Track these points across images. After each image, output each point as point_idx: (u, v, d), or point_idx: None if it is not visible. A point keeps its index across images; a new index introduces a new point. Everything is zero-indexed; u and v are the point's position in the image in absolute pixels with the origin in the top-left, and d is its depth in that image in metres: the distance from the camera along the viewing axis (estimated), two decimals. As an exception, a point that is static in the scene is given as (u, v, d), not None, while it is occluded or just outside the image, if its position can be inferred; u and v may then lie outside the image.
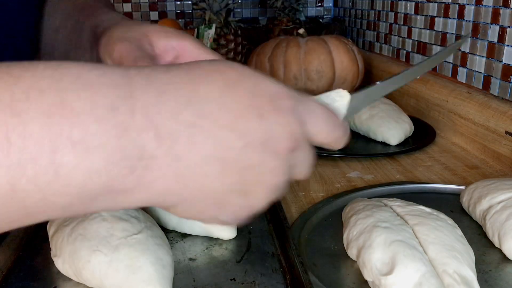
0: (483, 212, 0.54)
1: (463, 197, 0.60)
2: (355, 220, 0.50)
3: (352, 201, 0.57)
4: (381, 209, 0.50)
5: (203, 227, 0.53)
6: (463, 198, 0.59)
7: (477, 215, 0.56)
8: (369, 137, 0.88)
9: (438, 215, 0.49)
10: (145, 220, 0.49)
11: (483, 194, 0.56)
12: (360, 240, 0.47)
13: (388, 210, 0.50)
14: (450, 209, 0.60)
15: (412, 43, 1.13)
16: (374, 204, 0.52)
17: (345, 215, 0.54)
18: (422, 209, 0.50)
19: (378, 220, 0.48)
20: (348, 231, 0.50)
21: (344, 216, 0.55)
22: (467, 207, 0.58)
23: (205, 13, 1.18)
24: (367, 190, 0.65)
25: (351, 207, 0.54)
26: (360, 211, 0.51)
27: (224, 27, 1.20)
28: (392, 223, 0.47)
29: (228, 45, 1.20)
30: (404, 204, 0.52)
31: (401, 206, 0.51)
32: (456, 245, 0.45)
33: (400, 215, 0.49)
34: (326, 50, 1.07)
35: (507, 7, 0.78)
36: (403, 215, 0.49)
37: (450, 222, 0.49)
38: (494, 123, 0.76)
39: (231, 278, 0.46)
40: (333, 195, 0.64)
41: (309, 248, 0.52)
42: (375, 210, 0.50)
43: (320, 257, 0.50)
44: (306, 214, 0.58)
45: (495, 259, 0.50)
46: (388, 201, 0.53)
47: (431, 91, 0.95)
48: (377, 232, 0.46)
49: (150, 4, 1.69)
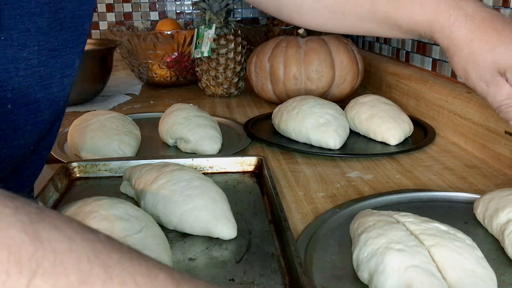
0: (501, 226, 0.51)
1: (477, 208, 0.57)
2: (366, 239, 0.46)
3: (360, 214, 0.53)
4: (393, 227, 0.47)
5: (203, 227, 0.53)
6: (477, 209, 0.56)
7: (494, 229, 0.53)
8: (369, 137, 0.88)
9: (456, 234, 0.46)
10: (145, 219, 0.49)
11: (500, 206, 0.52)
12: (372, 263, 0.44)
13: (401, 228, 0.47)
14: (464, 221, 0.57)
15: (412, 43, 1.13)
16: (385, 221, 0.48)
17: (354, 231, 0.51)
18: (437, 227, 0.47)
19: (391, 241, 0.44)
20: (358, 251, 0.46)
21: (353, 232, 0.51)
22: (483, 220, 0.55)
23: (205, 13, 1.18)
24: (374, 199, 0.61)
25: (360, 222, 0.51)
26: (370, 229, 0.48)
27: (224, 27, 1.20)
28: (406, 245, 0.44)
29: (228, 45, 1.20)
30: (417, 220, 0.48)
31: (414, 223, 0.47)
32: (478, 270, 0.42)
33: (415, 234, 0.46)
34: (326, 50, 1.07)
35: (507, 7, 0.78)
36: (418, 234, 0.45)
37: (469, 242, 0.45)
38: (494, 123, 0.76)
39: (230, 279, 0.46)
40: (339, 205, 0.61)
41: (315, 267, 0.48)
42: (387, 228, 0.47)
43: (329, 279, 0.46)
44: (311, 227, 0.55)
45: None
46: (400, 217, 0.49)
47: (431, 91, 0.95)
48: (390, 255, 0.43)
49: (150, 4, 1.69)
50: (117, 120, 0.83)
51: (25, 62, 0.47)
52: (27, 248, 0.21)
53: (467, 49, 0.52)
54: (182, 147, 0.83)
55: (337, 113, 0.87)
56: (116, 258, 0.24)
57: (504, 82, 0.51)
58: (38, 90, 0.49)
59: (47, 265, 0.21)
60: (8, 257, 0.20)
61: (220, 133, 0.84)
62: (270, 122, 0.96)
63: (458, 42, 0.52)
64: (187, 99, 1.24)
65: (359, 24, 0.60)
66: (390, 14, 0.57)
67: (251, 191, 0.65)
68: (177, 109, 0.87)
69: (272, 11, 0.65)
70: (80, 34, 0.53)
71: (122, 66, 1.61)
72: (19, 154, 0.54)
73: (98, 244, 0.24)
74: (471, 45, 0.51)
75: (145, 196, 0.57)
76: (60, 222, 0.23)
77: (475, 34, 0.51)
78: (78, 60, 0.53)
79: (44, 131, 0.54)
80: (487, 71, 0.51)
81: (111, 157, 0.74)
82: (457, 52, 0.53)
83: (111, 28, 1.44)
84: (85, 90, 1.20)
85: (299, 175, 0.74)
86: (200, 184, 0.56)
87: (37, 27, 0.46)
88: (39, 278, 0.20)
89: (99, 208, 0.48)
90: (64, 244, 0.22)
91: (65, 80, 0.52)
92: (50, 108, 0.52)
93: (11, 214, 0.21)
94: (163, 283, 0.25)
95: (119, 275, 0.23)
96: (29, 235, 0.21)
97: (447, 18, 0.52)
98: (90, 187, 0.66)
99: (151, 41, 1.30)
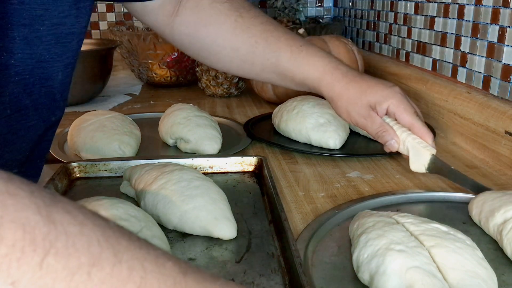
0: (498, 226, 0.51)
1: (472, 210, 0.57)
2: (366, 240, 0.46)
3: (359, 215, 0.53)
4: (393, 228, 0.46)
5: (203, 227, 0.53)
6: (472, 211, 0.57)
7: (491, 230, 0.53)
8: (369, 137, 0.88)
9: (456, 235, 0.46)
10: (145, 219, 0.49)
11: (495, 207, 0.53)
12: (373, 264, 0.44)
13: (401, 229, 0.46)
14: (462, 221, 0.57)
15: (412, 43, 1.13)
16: (385, 221, 0.48)
17: (353, 232, 0.51)
18: (437, 227, 0.47)
19: (391, 242, 0.44)
20: (358, 252, 0.46)
21: (353, 233, 0.51)
22: (479, 221, 0.55)
23: (205, 13, 1.18)
24: (373, 200, 0.62)
25: (360, 222, 0.51)
26: (370, 230, 0.47)
27: (224, 27, 1.20)
28: (406, 245, 0.43)
29: (228, 45, 1.20)
30: (417, 221, 0.48)
31: (414, 224, 0.47)
32: (479, 271, 0.42)
33: (414, 235, 0.46)
34: (326, 50, 1.07)
35: (507, 7, 0.78)
36: (418, 235, 0.45)
37: (469, 243, 0.45)
38: (494, 123, 0.76)
39: (230, 279, 0.46)
40: (338, 206, 0.61)
41: (315, 268, 0.48)
42: (386, 229, 0.46)
43: (329, 281, 0.46)
44: (311, 227, 0.55)
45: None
46: (400, 217, 0.49)
47: (431, 91, 0.95)
48: (391, 257, 0.42)
49: (150, 4, 1.68)
50: (117, 120, 0.83)
51: (13, 69, 0.49)
52: (41, 229, 0.21)
53: (346, 95, 0.68)
54: (182, 147, 0.83)
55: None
56: (125, 244, 0.24)
57: (375, 115, 0.67)
58: (25, 97, 0.52)
59: (60, 245, 0.22)
60: (23, 235, 0.21)
61: (220, 133, 0.84)
62: (270, 122, 0.96)
63: (340, 92, 0.69)
64: (187, 99, 1.24)
65: (262, 73, 0.74)
66: (288, 70, 0.71)
67: (251, 191, 0.65)
68: (177, 109, 0.87)
69: (191, 52, 0.76)
70: (69, 50, 0.55)
71: (122, 66, 1.61)
72: (17, 159, 0.55)
73: (108, 230, 0.24)
74: (348, 93, 0.68)
75: (145, 196, 0.57)
76: (72, 207, 0.24)
77: (350, 85, 0.68)
78: (61, 73, 0.56)
79: (35, 137, 0.56)
80: (363, 109, 0.67)
81: (111, 157, 0.74)
82: (340, 99, 0.69)
83: (111, 28, 1.44)
84: (85, 90, 1.20)
85: (299, 175, 0.74)
86: (200, 184, 0.56)
87: (23, 36, 0.48)
88: (51, 258, 0.21)
89: (99, 208, 0.48)
90: (76, 227, 0.23)
91: (43, 90, 0.54)
92: (35, 115, 0.54)
93: (27, 197, 0.22)
94: (171, 270, 0.26)
95: (128, 260, 0.24)
96: (43, 217, 0.22)
97: (330, 76, 0.69)
98: (90, 187, 0.66)
99: (151, 41, 1.30)
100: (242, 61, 0.73)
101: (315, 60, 0.70)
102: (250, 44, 0.71)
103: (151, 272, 0.25)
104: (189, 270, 0.27)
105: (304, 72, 0.71)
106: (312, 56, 0.71)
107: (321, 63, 0.70)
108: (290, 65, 0.71)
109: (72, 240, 0.22)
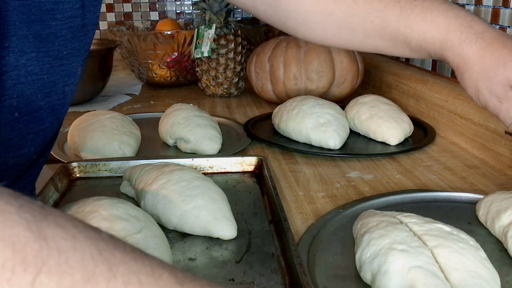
0: (504, 228, 0.51)
1: (479, 210, 0.57)
2: (368, 240, 0.46)
3: (363, 214, 0.53)
4: (396, 228, 0.46)
5: (203, 227, 0.53)
6: (479, 211, 0.57)
7: (497, 231, 0.53)
8: (369, 137, 0.88)
9: (459, 235, 0.46)
10: (145, 219, 0.49)
11: (502, 208, 0.53)
12: (375, 264, 0.44)
13: (404, 229, 0.46)
14: (467, 221, 0.57)
15: (412, 43, 1.13)
16: (388, 221, 0.48)
17: (357, 231, 0.51)
18: (440, 227, 0.47)
19: (394, 242, 0.44)
20: (361, 251, 0.46)
21: (356, 232, 0.51)
22: (485, 222, 0.55)
23: (205, 13, 1.18)
24: (377, 200, 0.61)
25: (363, 222, 0.51)
26: (373, 229, 0.47)
27: (224, 27, 1.20)
28: (409, 245, 0.43)
29: (228, 45, 1.20)
30: (421, 221, 0.48)
31: (418, 224, 0.47)
32: (481, 271, 0.42)
33: (418, 235, 0.46)
34: (326, 50, 1.07)
35: (507, 7, 0.78)
36: (421, 235, 0.45)
37: (473, 243, 0.45)
38: (494, 123, 0.76)
39: (230, 279, 0.46)
40: (342, 206, 0.60)
41: (318, 267, 0.48)
42: (389, 228, 0.46)
43: (332, 280, 0.46)
44: (314, 227, 0.55)
45: (519, 281, 0.46)
46: (403, 217, 0.49)
47: (431, 91, 0.95)
48: (393, 256, 0.42)
49: (150, 4, 1.69)
50: (117, 120, 0.83)
51: (24, 69, 0.47)
52: (32, 246, 0.20)
53: (478, 65, 0.52)
54: (182, 147, 0.83)
55: (337, 113, 0.87)
56: (120, 256, 0.24)
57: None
58: (40, 98, 0.49)
59: (52, 263, 0.21)
60: (13, 254, 0.20)
61: (220, 133, 0.84)
62: (270, 122, 0.96)
63: (469, 59, 0.52)
64: (187, 99, 1.24)
65: (366, 40, 0.59)
66: (400, 31, 0.56)
67: (251, 191, 0.65)
68: (177, 109, 0.87)
69: (277, 24, 0.64)
70: (86, 43, 0.53)
71: (122, 66, 1.61)
72: (22, 163, 0.53)
73: (101, 243, 0.23)
74: (482, 62, 0.51)
75: (145, 196, 0.57)
76: (63, 220, 0.23)
77: (486, 51, 0.51)
78: (80, 68, 0.53)
79: (46, 140, 0.54)
80: (499, 86, 0.51)
81: (111, 157, 0.74)
82: (468, 69, 0.53)
83: (111, 28, 1.44)
84: (85, 90, 1.20)
85: (299, 175, 0.74)
86: (200, 184, 0.56)
87: (36, 34, 0.46)
88: (44, 276, 0.20)
89: (99, 208, 0.48)
90: (68, 242, 0.22)
91: (66, 89, 0.52)
92: (51, 116, 0.52)
93: (15, 212, 0.21)
94: (167, 282, 0.25)
95: (123, 274, 0.23)
96: (33, 233, 0.21)
97: (458, 36, 0.53)
98: (90, 187, 0.66)
99: (151, 41, 1.30)
100: (338, 27, 0.60)
101: (435, 15, 0.54)
102: (346, 4, 0.58)
103: (147, 285, 0.24)
104: (185, 280, 0.26)
105: (421, 33, 0.55)
106: (431, 11, 0.54)
107: (443, 18, 0.54)
108: (401, 25, 0.56)
109: (65, 256, 0.21)
